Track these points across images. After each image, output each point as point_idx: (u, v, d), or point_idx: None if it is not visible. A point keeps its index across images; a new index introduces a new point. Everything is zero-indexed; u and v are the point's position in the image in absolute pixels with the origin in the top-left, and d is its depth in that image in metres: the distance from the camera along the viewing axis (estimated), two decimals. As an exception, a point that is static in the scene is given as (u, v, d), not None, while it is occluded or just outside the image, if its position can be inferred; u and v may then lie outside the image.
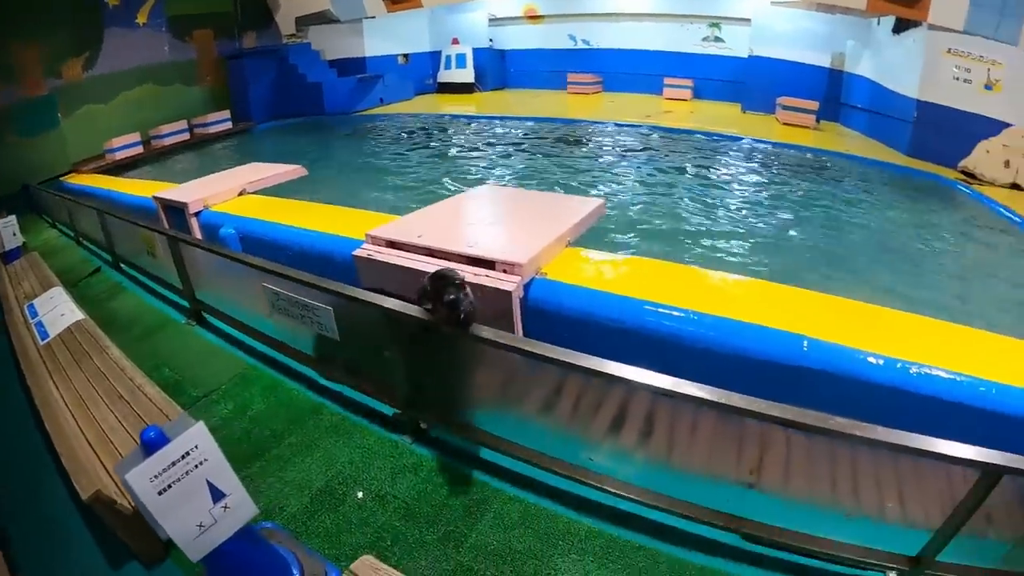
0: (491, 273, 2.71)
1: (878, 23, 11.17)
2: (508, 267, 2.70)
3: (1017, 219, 7.26)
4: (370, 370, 2.99)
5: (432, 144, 11.39)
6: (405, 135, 12.12)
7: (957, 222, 7.59)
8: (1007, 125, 8.51)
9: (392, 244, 3.10)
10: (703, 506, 2.28)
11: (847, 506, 2.43)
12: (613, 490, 2.36)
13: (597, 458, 2.40)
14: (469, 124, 13.08)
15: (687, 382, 1.96)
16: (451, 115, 13.78)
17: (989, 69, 8.81)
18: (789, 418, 1.86)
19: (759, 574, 2.23)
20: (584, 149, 10.88)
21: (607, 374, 2.05)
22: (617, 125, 12.43)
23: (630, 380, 2.03)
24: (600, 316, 2.72)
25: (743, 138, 11.30)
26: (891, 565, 2.10)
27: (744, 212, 7.57)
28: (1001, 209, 7.65)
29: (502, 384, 2.53)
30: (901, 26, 10.27)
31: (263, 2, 13.73)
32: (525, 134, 12.10)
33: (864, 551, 2.14)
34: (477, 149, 10.89)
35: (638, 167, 9.64)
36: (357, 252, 3.18)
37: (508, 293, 2.60)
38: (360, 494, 2.60)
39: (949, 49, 9.23)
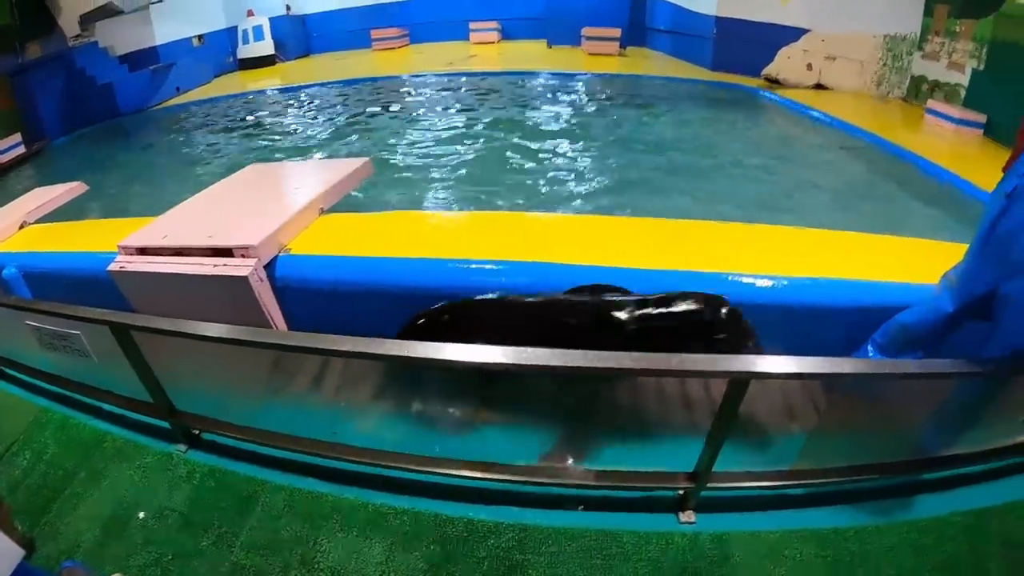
0: (229, 261, 2.67)
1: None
2: (243, 251, 2.66)
3: (825, 118, 7.83)
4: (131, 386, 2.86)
5: (232, 126, 10.72)
6: (203, 122, 11.32)
7: (765, 127, 8.07)
8: (805, 31, 9.03)
9: (142, 251, 2.95)
10: (459, 459, 2.31)
11: (625, 431, 2.58)
12: (373, 460, 2.39)
13: (360, 429, 2.44)
14: (270, 98, 12.54)
15: (419, 343, 1.93)
16: (251, 92, 12.99)
17: (784, -20, 9.23)
18: (521, 363, 1.79)
19: (527, 514, 2.31)
20: (387, 106, 10.63)
21: (340, 351, 2.03)
22: (419, 77, 12.28)
23: (367, 353, 1.99)
24: (351, 281, 2.75)
25: (547, 73, 11.43)
26: (677, 485, 2.19)
27: (551, 146, 7.59)
28: (808, 110, 8.25)
29: (253, 377, 2.52)
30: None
31: (43, 6, 12.05)
32: (325, 99, 11.74)
33: (647, 475, 2.19)
34: (279, 125, 10.41)
35: (439, 117, 9.53)
36: (111, 267, 3.01)
37: (244, 279, 2.57)
38: (141, 514, 2.63)
39: (742, -35, 9.64)
